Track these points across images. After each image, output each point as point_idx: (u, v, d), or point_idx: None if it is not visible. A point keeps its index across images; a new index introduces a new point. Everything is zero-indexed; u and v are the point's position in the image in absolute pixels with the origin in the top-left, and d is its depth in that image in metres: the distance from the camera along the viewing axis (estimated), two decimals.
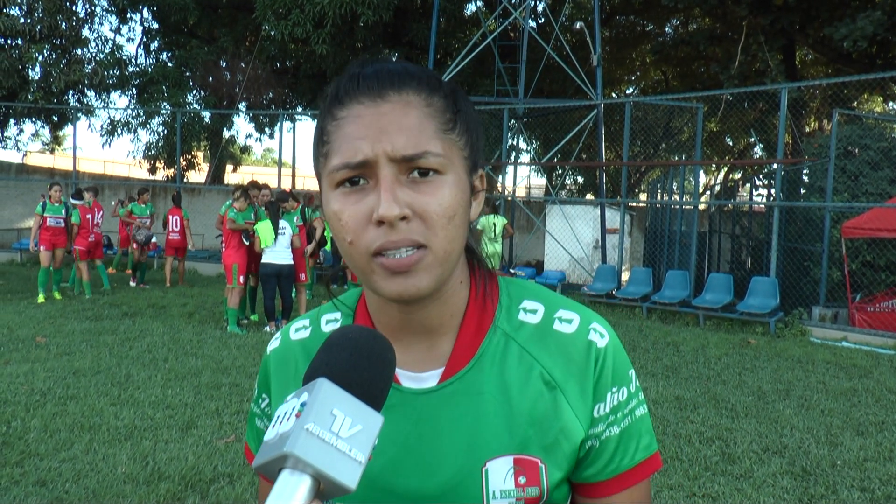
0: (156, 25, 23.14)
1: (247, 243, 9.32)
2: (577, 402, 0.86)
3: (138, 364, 7.12)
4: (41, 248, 11.19)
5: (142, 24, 23.71)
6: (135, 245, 13.43)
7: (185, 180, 20.89)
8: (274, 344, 1.00)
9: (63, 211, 11.50)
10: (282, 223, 9.25)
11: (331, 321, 0.97)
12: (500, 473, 0.83)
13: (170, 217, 13.37)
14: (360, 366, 0.67)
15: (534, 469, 0.84)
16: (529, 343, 0.88)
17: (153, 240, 13.85)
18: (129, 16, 23.23)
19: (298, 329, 0.99)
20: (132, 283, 13.28)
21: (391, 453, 0.86)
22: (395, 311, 0.88)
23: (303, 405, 0.63)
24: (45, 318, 9.38)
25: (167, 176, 22.65)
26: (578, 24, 18.75)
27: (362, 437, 0.62)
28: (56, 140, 31.34)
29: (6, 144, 23.18)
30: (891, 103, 24.92)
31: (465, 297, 0.89)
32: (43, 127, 24.75)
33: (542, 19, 19.69)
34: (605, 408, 0.87)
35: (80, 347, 7.74)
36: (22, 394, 5.87)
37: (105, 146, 55.66)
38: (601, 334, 0.89)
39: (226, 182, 27.00)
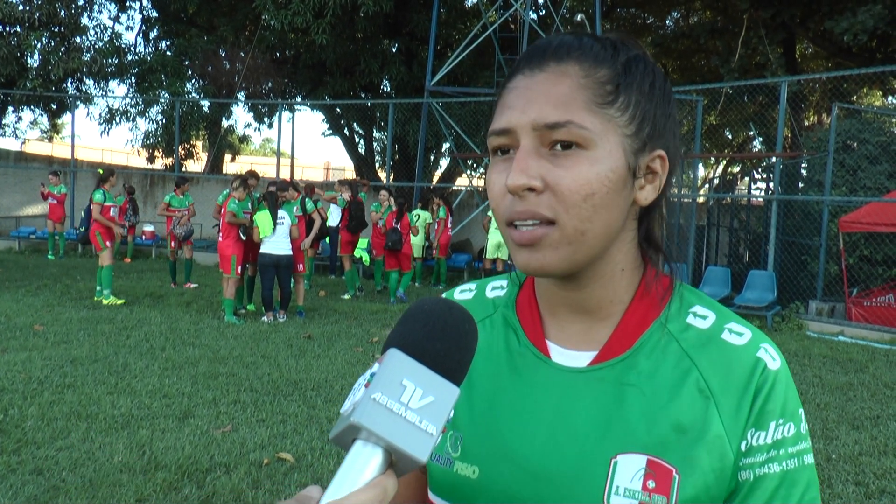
0: (155, 14, 23.05)
1: (244, 238, 9.34)
2: (730, 419, 0.78)
3: (135, 353, 7.13)
4: (108, 243, 10.16)
5: (141, 12, 23.64)
6: (172, 242, 12.02)
7: (183, 169, 20.85)
8: None
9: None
10: (280, 213, 9.24)
11: (496, 288, 0.97)
12: (628, 470, 0.77)
13: None
14: (433, 336, 0.64)
15: (666, 477, 0.77)
16: (692, 347, 0.82)
17: (193, 234, 12.37)
18: (128, 4, 23.16)
19: (464, 290, 1.00)
20: (173, 286, 11.79)
21: (525, 422, 0.83)
22: (553, 286, 0.86)
23: (372, 375, 0.61)
24: (42, 307, 9.38)
25: (165, 165, 22.60)
26: (579, 17, 18.70)
27: (434, 409, 0.60)
28: (54, 128, 31.27)
29: (4, 132, 23.14)
30: (890, 98, 24.89)
31: (629, 287, 0.85)
32: (41, 115, 24.71)
33: (543, 11, 19.62)
34: (766, 437, 0.78)
35: (77, 336, 7.75)
36: (19, 382, 5.88)
37: (103, 134, 55.59)
38: (773, 357, 0.81)
39: (224, 172, 26.97)
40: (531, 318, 0.90)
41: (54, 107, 22.81)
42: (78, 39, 20.45)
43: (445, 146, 19.80)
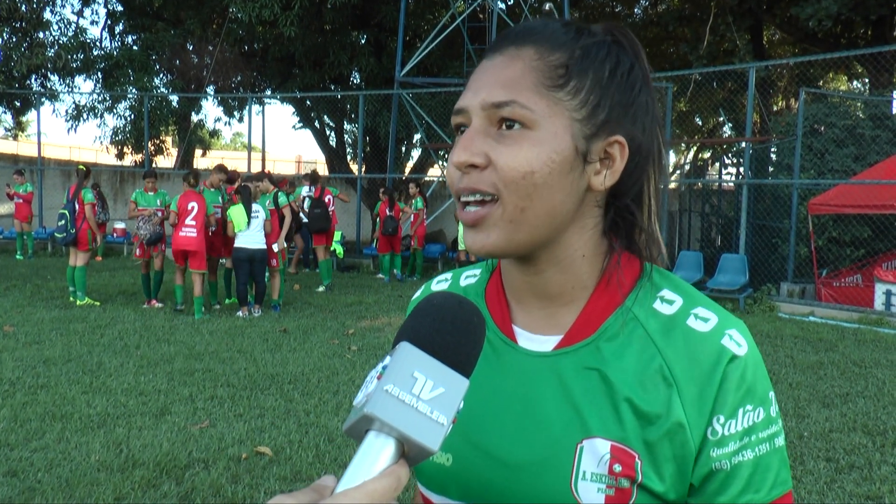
0: (120, 8, 22.68)
1: (212, 230, 9.35)
2: (692, 407, 0.78)
3: (110, 351, 7.06)
4: (93, 243, 9.89)
5: (105, 6, 23.23)
6: (138, 250, 9.93)
7: (154, 165, 20.59)
8: (416, 294, 1.03)
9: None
10: (255, 207, 9.19)
11: (469, 276, 0.98)
12: (594, 455, 0.78)
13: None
14: (443, 330, 0.65)
15: (630, 462, 0.77)
16: (657, 333, 0.81)
17: (161, 238, 9.90)
18: None
19: (440, 281, 1.01)
20: (146, 305, 9.81)
21: (494, 410, 0.84)
22: (515, 271, 0.87)
23: (384, 368, 0.62)
24: (12, 308, 9.25)
25: (135, 161, 22.30)
26: (548, 6, 18.71)
27: (444, 400, 0.61)
28: (19, 126, 30.73)
29: None
30: (855, 82, 25.26)
31: (592, 272, 0.85)
32: (5, 112, 24.21)
33: (511, 0, 19.62)
34: (736, 426, 0.78)
35: (49, 336, 7.65)
36: None
37: (71, 132, 54.68)
38: (738, 343, 0.80)
39: (195, 167, 26.68)
40: (499, 305, 0.90)
41: (18, 104, 22.40)
42: (41, 35, 20.07)
43: (417, 137, 19.75)
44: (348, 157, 22.27)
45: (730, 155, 17.73)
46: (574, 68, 0.79)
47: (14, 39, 19.55)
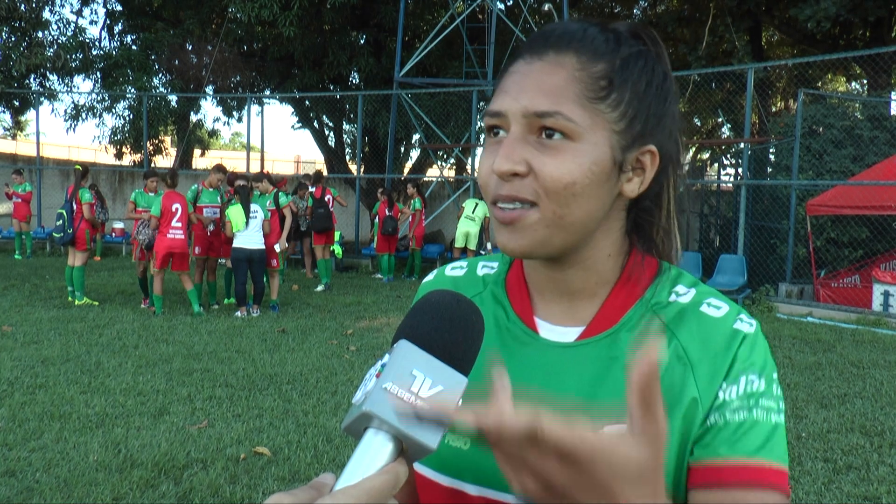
0: (119, 8, 22.67)
1: (210, 229, 9.37)
2: (705, 385, 0.81)
3: (108, 351, 7.06)
4: (91, 243, 9.98)
5: (105, 6, 23.22)
6: (138, 252, 9.67)
7: (152, 165, 20.58)
8: (429, 277, 1.03)
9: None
10: (253, 207, 9.19)
11: (486, 267, 0.99)
12: None
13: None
14: (442, 328, 0.66)
15: None
16: (672, 321, 0.85)
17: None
18: None
19: (455, 268, 1.02)
20: (144, 305, 9.79)
21: (514, 397, 0.85)
22: (539, 266, 0.89)
23: (383, 366, 0.63)
24: (11, 307, 9.24)
25: (134, 161, 22.28)
26: (547, 6, 18.71)
27: (443, 398, 0.62)
28: (18, 125, 30.70)
29: None
30: (853, 83, 25.27)
31: (614, 270, 0.88)
32: (3, 112, 24.19)
33: (511, 1, 19.62)
34: (737, 391, 0.80)
35: (48, 336, 7.65)
36: None
37: (69, 131, 54.61)
38: (749, 324, 0.85)
39: (194, 167, 26.66)
40: (520, 296, 0.92)
41: (17, 104, 22.37)
42: (40, 34, 20.05)
43: (415, 137, 19.76)
44: (347, 158, 22.26)
45: (728, 156, 17.75)
46: (616, 81, 0.80)
47: (13, 39, 19.53)
